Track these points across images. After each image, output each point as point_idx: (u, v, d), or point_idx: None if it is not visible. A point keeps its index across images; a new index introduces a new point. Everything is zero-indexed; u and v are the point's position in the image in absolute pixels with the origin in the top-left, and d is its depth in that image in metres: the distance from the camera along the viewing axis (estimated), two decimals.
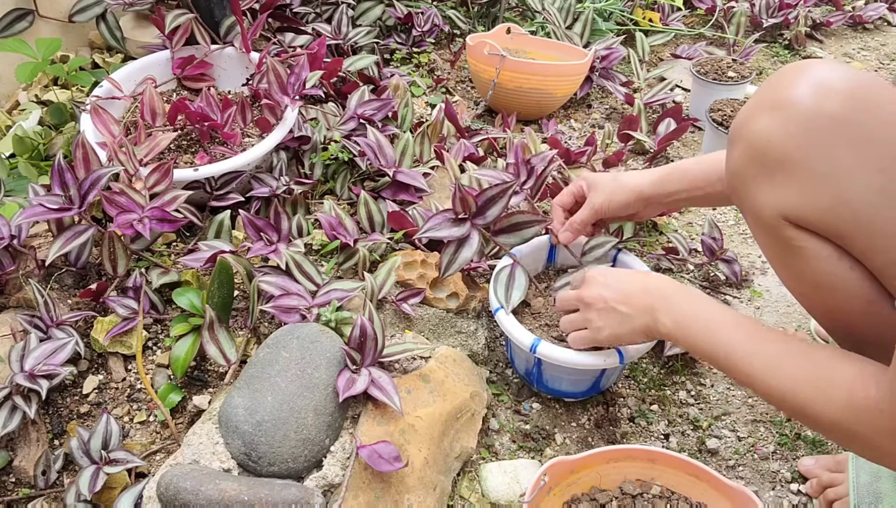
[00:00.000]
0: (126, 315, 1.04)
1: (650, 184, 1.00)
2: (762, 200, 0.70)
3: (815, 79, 0.67)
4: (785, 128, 0.67)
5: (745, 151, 0.71)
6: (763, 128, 0.69)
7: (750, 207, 0.73)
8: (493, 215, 0.99)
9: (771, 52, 2.08)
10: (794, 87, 0.68)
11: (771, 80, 0.72)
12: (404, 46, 1.78)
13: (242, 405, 0.87)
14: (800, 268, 0.71)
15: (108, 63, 1.57)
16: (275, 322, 1.07)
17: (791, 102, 0.67)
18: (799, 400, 0.69)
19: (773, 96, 0.69)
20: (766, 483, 1.01)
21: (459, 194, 0.97)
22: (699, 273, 1.32)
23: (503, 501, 0.95)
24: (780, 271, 0.77)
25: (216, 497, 0.78)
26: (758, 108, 0.70)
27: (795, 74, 0.69)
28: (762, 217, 0.71)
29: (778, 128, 0.67)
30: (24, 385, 0.92)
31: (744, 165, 0.71)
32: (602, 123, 1.74)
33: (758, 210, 0.71)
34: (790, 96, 0.67)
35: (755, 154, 0.70)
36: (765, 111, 0.69)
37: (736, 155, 0.72)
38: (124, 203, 1.04)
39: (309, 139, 1.34)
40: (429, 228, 1.00)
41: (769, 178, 0.69)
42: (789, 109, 0.67)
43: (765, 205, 0.70)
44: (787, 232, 0.69)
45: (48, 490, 0.93)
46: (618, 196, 1.01)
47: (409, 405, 0.93)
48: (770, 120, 0.68)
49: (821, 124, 0.65)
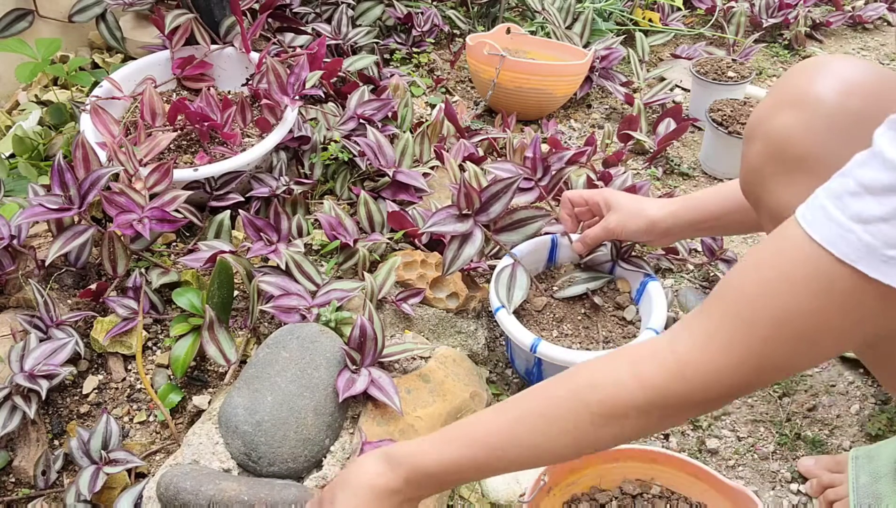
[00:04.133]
0: (126, 315, 1.04)
1: (665, 215, 0.98)
2: (780, 197, 0.68)
3: (837, 74, 0.66)
4: (807, 124, 0.65)
5: (765, 147, 0.69)
6: (784, 124, 0.67)
7: (767, 205, 0.71)
8: (496, 212, 0.99)
9: (771, 53, 2.08)
10: (816, 83, 0.66)
11: (790, 75, 0.70)
12: (404, 46, 1.78)
13: (242, 406, 0.87)
14: None
15: (108, 63, 1.57)
16: (275, 322, 1.07)
17: (813, 99, 0.65)
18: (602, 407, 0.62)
19: (794, 92, 0.67)
20: (766, 483, 1.01)
21: (464, 190, 0.96)
22: (699, 273, 1.32)
23: (503, 501, 0.95)
24: None
25: (216, 497, 0.78)
26: (778, 104, 0.68)
27: (816, 69, 0.67)
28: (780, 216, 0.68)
29: (800, 125, 0.66)
30: (23, 385, 0.92)
31: (762, 162, 0.70)
32: (602, 123, 1.74)
33: (776, 208, 0.69)
34: (812, 92, 0.66)
35: (775, 151, 0.68)
36: (785, 107, 0.67)
37: (753, 152, 0.71)
38: (124, 203, 1.04)
39: (309, 139, 1.34)
40: (433, 222, 0.99)
41: (788, 175, 0.67)
42: (812, 105, 0.65)
43: (783, 203, 0.68)
44: None
45: (48, 490, 0.93)
46: (632, 222, 1.00)
47: (409, 405, 0.93)
48: (791, 116, 0.66)
49: (844, 121, 0.64)
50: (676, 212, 0.98)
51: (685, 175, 1.59)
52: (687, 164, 1.62)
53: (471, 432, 0.67)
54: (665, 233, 1.00)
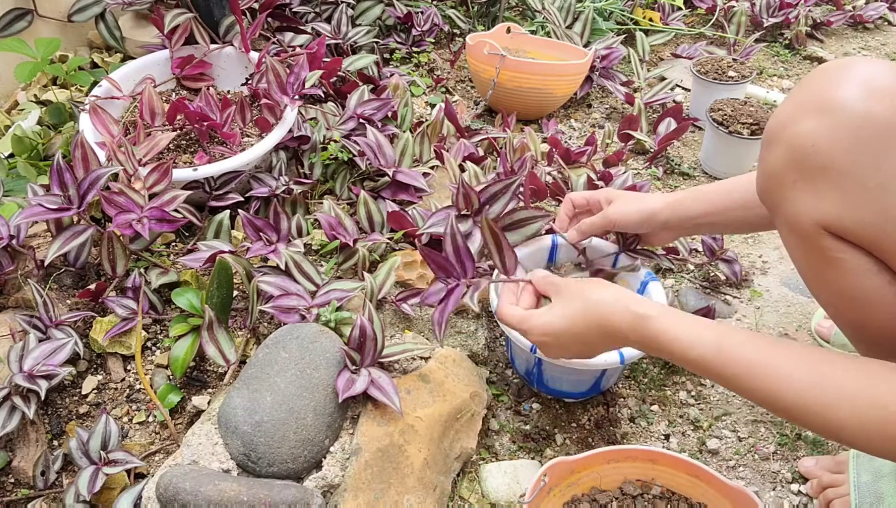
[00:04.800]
0: (125, 315, 1.04)
1: (665, 206, 0.98)
2: (800, 206, 0.66)
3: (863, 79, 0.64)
4: (833, 133, 0.63)
5: (786, 153, 0.67)
6: (808, 131, 0.65)
7: (785, 213, 0.69)
8: (495, 212, 0.98)
9: (771, 52, 2.08)
10: (841, 88, 0.64)
11: (813, 79, 0.68)
12: (404, 46, 1.78)
13: (242, 406, 0.87)
14: (835, 280, 0.68)
15: (107, 63, 1.57)
16: (274, 322, 1.07)
17: (840, 105, 0.63)
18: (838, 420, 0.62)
19: (819, 98, 0.65)
20: (767, 484, 1.00)
21: (463, 190, 0.96)
22: (699, 273, 1.32)
23: (503, 502, 0.95)
24: (811, 281, 0.73)
25: (215, 498, 0.78)
26: (802, 109, 0.66)
27: (840, 73, 0.65)
28: (798, 225, 0.68)
29: (825, 133, 0.64)
30: (23, 386, 0.91)
31: (783, 169, 0.67)
32: (602, 123, 1.74)
33: (794, 217, 0.68)
34: (838, 98, 0.64)
35: (797, 158, 0.66)
36: (810, 113, 0.65)
37: (774, 157, 0.69)
38: (123, 203, 1.04)
39: (308, 139, 1.34)
40: (432, 222, 0.99)
41: (810, 184, 0.65)
42: (838, 112, 0.63)
43: (802, 212, 0.66)
44: (824, 242, 0.66)
45: (47, 490, 0.92)
46: (631, 212, 1.00)
47: (409, 405, 0.93)
48: (816, 123, 0.64)
49: (871, 131, 0.62)
50: (676, 205, 0.97)
51: (686, 175, 1.58)
52: (687, 163, 1.62)
53: (750, 356, 0.67)
54: (663, 225, 0.99)
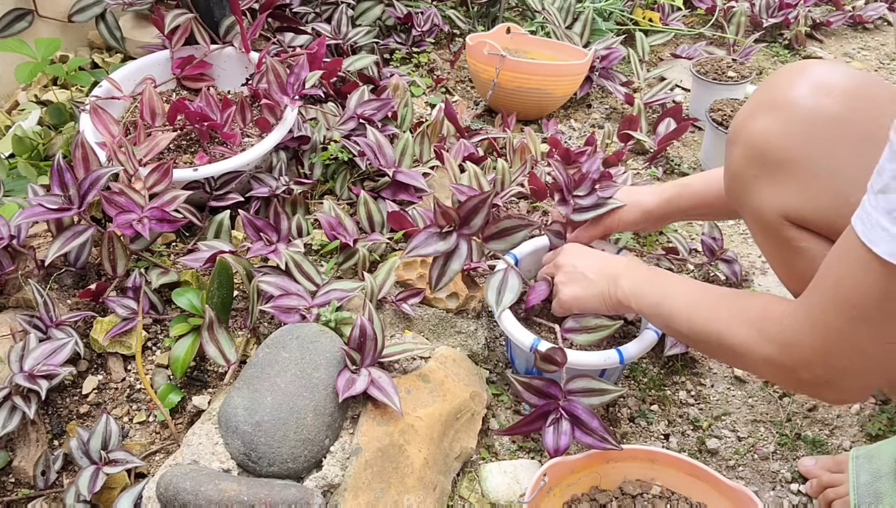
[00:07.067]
0: (125, 315, 1.04)
1: (658, 204, 1.02)
2: (763, 200, 0.70)
3: (815, 79, 0.67)
4: (785, 128, 0.67)
5: (745, 151, 0.71)
6: (763, 128, 0.68)
7: (750, 208, 0.73)
8: (477, 225, 0.99)
9: (771, 52, 2.08)
10: (794, 87, 0.68)
11: (769, 80, 0.72)
12: (404, 46, 1.78)
13: (242, 406, 0.87)
14: (802, 268, 0.71)
15: (108, 63, 1.57)
16: (274, 322, 1.07)
17: (791, 102, 0.67)
18: (733, 340, 0.71)
19: (772, 97, 0.69)
20: (767, 484, 1.01)
21: (440, 209, 0.97)
22: (699, 273, 1.32)
23: (503, 501, 0.95)
24: (780, 272, 0.76)
25: (216, 498, 0.78)
26: (757, 108, 0.70)
27: (794, 74, 0.69)
28: (763, 218, 0.71)
29: (778, 128, 0.67)
30: (23, 386, 0.92)
31: (744, 166, 0.71)
32: (602, 123, 1.74)
33: (758, 211, 0.71)
34: (790, 96, 0.67)
35: (755, 154, 0.70)
36: (764, 111, 0.69)
37: (735, 156, 0.72)
38: (124, 203, 1.04)
39: (308, 139, 1.34)
40: (414, 246, 0.98)
41: (770, 178, 0.69)
42: (789, 108, 0.67)
43: (765, 205, 0.70)
44: (788, 232, 0.69)
45: (48, 490, 0.93)
46: (628, 215, 1.04)
47: (409, 405, 0.93)
48: (770, 120, 0.68)
49: (821, 124, 0.65)
50: (671, 199, 1.01)
51: (685, 175, 1.58)
52: (687, 163, 1.62)
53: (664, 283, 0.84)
54: (659, 219, 1.04)
